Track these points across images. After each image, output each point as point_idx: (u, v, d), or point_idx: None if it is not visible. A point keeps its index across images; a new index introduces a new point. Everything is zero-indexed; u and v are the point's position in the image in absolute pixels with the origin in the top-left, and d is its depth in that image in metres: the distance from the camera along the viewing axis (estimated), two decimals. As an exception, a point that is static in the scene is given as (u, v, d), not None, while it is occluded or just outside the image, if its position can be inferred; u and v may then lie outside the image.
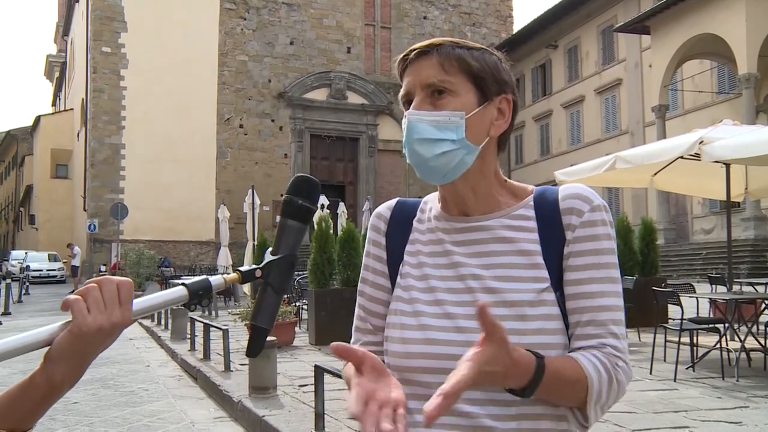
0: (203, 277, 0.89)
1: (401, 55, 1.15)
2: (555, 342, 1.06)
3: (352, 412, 0.89)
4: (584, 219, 1.10)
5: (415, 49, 1.13)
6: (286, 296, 10.99)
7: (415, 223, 1.20)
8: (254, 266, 0.93)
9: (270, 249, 0.96)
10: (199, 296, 0.88)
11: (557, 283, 1.09)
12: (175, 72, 30.95)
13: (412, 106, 1.12)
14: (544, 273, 1.09)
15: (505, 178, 1.19)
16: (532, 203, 1.15)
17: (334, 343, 0.94)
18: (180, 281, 0.92)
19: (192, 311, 8.60)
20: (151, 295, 0.87)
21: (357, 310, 1.25)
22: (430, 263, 1.14)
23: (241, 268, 0.92)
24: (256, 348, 0.96)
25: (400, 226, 1.21)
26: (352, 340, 1.24)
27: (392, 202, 1.26)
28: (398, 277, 1.17)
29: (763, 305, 7.07)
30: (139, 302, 0.85)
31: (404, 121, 1.14)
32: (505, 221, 1.13)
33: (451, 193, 1.16)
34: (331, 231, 9.61)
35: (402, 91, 1.15)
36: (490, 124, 1.13)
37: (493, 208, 1.15)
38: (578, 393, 1.03)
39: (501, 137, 1.16)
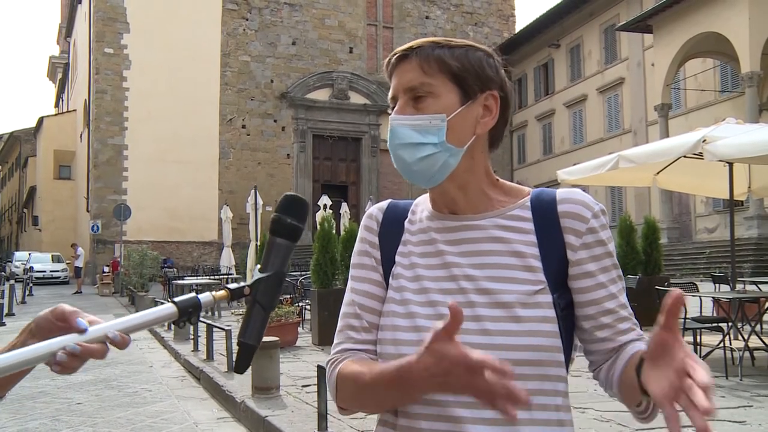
0: (192, 294, 0.90)
1: (386, 60, 1.15)
2: (548, 344, 1.05)
3: None
4: (590, 225, 1.11)
5: (397, 53, 1.13)
6: (289, 296, 11.00)
7: (406, 224, 1.19)
8: (243, 284, 0.94)
9: (258, 266, 0.97)
10: (189, 313, 0.89)
11: (555, 285, 1.08)
12: (177, 72, 30.98)
13: (394, 110, 1.12)
14: (540, 275, 1.08)
15: (497, 178, 1.17)
16: (528, 204, 1.13)
17: None
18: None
19: (181, 328, 8.68)
20: (141, 313, 0.88)
21: (348, 309, 1.18)
22: (422, 264, 1.13)
23: (229, 286, 0.94)
24: (244, 364, 0.96)
25: (392, 228, 1.19)
26: (338, 340, 1.17)
27: (384, 203, 1.24)
28: (390, 278, 1.15)
29: (767, 304, 7.05)
30: (130, 320, 0.87)
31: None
32: (499, 221, 1.12)
33: (440, 195, 1.15)
34: (334, 231, 9.62)
35: (389, 96, 1.15)
36: (476, 122, 1.11)
37: (486, 207, 1.13)
38: None
39: (493, 134, 1.15)
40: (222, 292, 0.92)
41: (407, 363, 0.91)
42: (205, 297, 0.91)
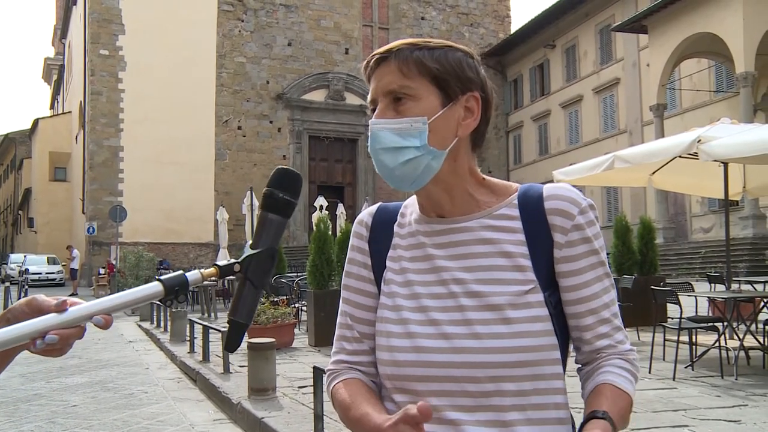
0: (179, 272, 0.88)
1: (365, 62, 1.13)
2: (543, 344, 1.05)
3: None
4: (576, 222, 1.09)
5: (375, 55, 1.11)
6: (285, 297, 10.98)
7: (395, 228, 1.18)
8: (233, 260, 0.91)
9: (249, 243, 0.95)
10: (176, 292, 0.86)
11: (545, 283, 1.08)
12: (173, 74, 30.92)
13: (374, 114, 1.10)
14: (530, 274, 1.07)
15: (483, 176, 1.16)
16: (515, 202, 1.13)
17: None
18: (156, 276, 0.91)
19: (168, 307, 8.55)
20: (126, 291, 0.86)
21: (341, 319, 1.20)
22: (412, 268, 1.12)
23: (219, 263, 0.91)
24: (234, 343, 0.94)
25: (382, 232, 1.18)
26: (335, 349, 1.20)
27: (373, 207, 1.23)
28: (382, 284, 1.15)
29: (762, 304, 7.07)
30: (115, 298, 0.85)
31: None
32: (487, 221, 1.11)
33: (426, 198, 1.14)
34: (330, 232, 9.61)
35: (368, 99, 1.13)
36: (457, 124, 1.10)
37: (473, 208, 1.12)
38: (629, 413, 1.10)
39: (475, 135, 1.13)
40: (211, 270, 0.89)
41: (379, 426, 0.96)
42: (192, 274, 0.88)
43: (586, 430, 0.99)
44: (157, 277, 0.88)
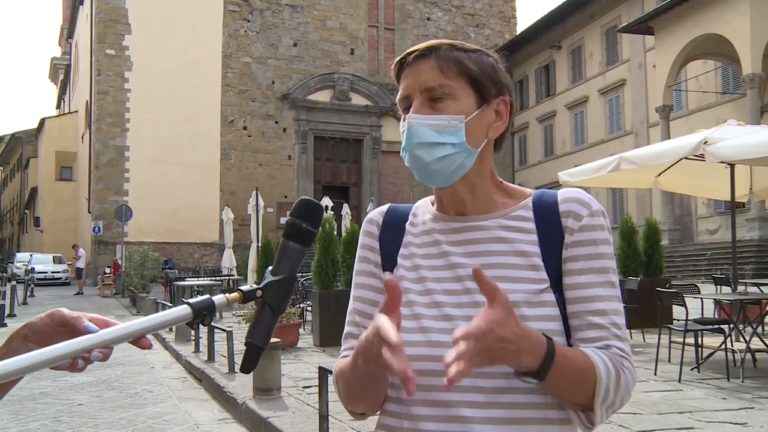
0: (206, 296, 0.91)
1: (398, 58, 1.15)
2: None
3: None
4: (583, 223, 1.11)
5: (412, 52, 1.13)
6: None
7: (407, 227, 1.20)
8: (255, 286, 0.95)
9: (270, 268, 0.98)
10: (203, 315, 0.90)
11: (557, 284, 1.09)
12: (179, 74, 31.01)
13: (411, 109, 1.11)
14: (543, 274, 1.08)
15: (501, 180, 1.19)
16: (530, 205, 1.15)
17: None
18: (184, 299, 0.94)
19: (194, 329, 8.64)
20: (157, 314, 0.89)
21: (349, 317, 1.22)
22: (425, 265, 1.14)
23: (242, 288, 0.95)
24: (250, 364, 0.98)
25: (392, 231, 1.20)
26: (342, 347, 1.21)
27: (384, 207, 1.25)
28: None
29: (768, 306, 7.04)
30: (148, 320, 0.88)
31: (403, 125, 1.13)
32: (503, 221, 1.13)
33: (450, 195, 1.16)
34: (335, 232, 9.62)
35: (400, 94, 1.14)
36: (489, 126, 1.13)
37: (491, 208, 1.15)
38: (587, 385, 1.01)
39: (499, 138, 1.16)
40: (235, 294, 0.93)
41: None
42: (218, 299, 0.91)
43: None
44: (185, 300, 0.91)
